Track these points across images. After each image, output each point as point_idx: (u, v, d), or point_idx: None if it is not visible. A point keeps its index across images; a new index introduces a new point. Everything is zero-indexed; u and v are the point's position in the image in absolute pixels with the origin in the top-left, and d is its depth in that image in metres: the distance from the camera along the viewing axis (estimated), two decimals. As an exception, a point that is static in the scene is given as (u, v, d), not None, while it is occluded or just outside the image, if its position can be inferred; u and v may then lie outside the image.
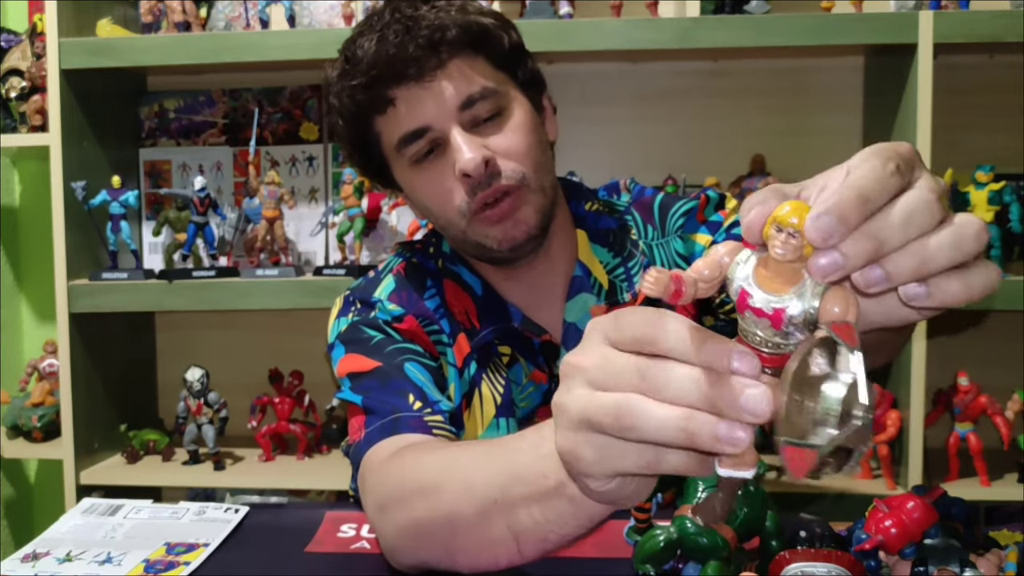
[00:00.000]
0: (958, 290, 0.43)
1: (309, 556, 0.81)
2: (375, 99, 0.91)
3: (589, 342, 0.49)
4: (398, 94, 0.90)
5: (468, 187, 0.90)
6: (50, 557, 0.80)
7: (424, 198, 0.95)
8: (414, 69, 0.88)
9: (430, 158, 0.92)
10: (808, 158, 1.83)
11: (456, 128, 0.89)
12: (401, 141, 0.91)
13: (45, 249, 1.76)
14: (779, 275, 0.41)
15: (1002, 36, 1.53)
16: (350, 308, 0.99)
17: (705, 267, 0.43)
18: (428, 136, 0.90)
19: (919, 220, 0.42)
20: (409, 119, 0.90)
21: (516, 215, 0.91)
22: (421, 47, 0.88)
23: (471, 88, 0.90)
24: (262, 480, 1.74)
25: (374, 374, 0.90)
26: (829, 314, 0.40)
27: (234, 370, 1.88)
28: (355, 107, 0.93)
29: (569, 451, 0.49)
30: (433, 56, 0.88)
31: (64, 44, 1.69)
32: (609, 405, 0.45)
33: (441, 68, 0.89)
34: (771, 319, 0.41)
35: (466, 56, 0.91)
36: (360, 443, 0.85)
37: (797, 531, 0.64)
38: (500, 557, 0.63)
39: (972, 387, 1.59)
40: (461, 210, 0.91)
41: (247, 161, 1.85)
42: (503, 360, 0.99)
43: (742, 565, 0.63)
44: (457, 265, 1.02)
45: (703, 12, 1.66)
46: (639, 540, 0.64)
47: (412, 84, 0.89)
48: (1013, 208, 1.59)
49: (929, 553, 0.61)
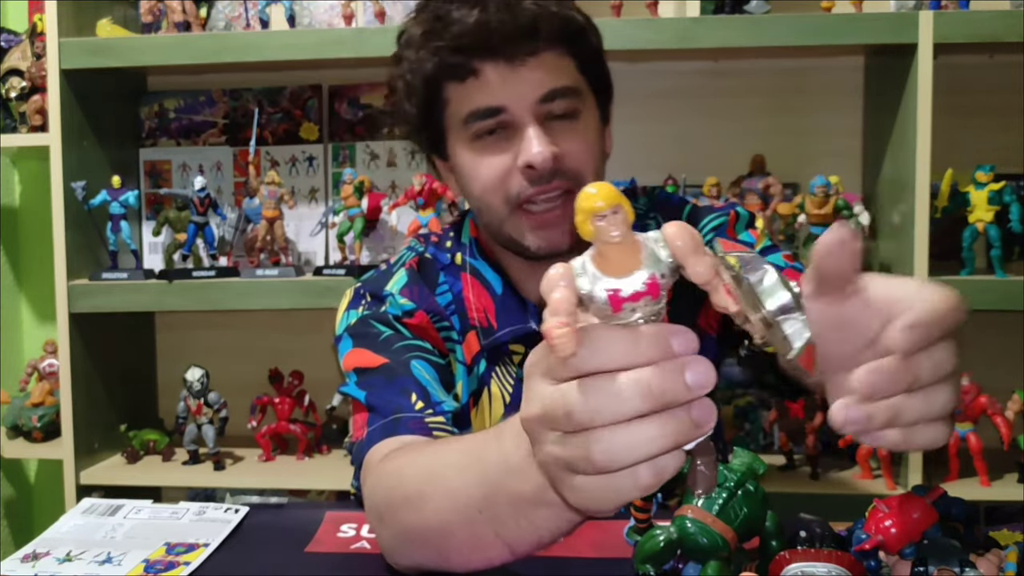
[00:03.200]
0: (896, 439, 0.47)
1: (309, 556, 0.81)
2: (459, 66, 0.89)
3: (530, 386, 0.48)
4: (485, 68, 0.89)
5: (528, 178, 0.89)
6: (50, 557, 0.80)
7: (474, 176, 0.93)
8: (509, 47, 0.87)
9: (492, 138, 0.90)
10: (808, 158, 1.83)
11: (532, 118, 0.89)
12: (473, 115, 0.90)
13: (45, 249, 1.77)
14: (621, 256, 0.41)
15: (1002, 36, 1.53)
16: (360, 301, 0.98)
17: (564, 309, 0.41)
18: (501, 117, 0.89)
19: (935, 399, 0.47)
20: (488, 95, 0.89)
21: (565, 225, 0.90)
22: (522, 28, 0.87)
23: (556, 83, 0.89)
24: (262, 480, 1.74)
25: (380, 371, 0.90)
26: (681, 249, 0.41)
27: (234, 370, 1.88)
28: (436, 68, 0.90)
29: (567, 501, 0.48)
30: (531, 40, 0.88)
31: (64, 44, 1.69)
32: (579, 452, 0.44)
33: (533, 55, 0.88)
34: (649, 293, 0.41)
35: (559, 50, 0.90)
36: (362, 442, 0.85)
37: (797, 531, 0.64)
38: (493, 559, 0.63)
39: (972, 387, 1.59)
40: (509, 199, 0.90)
41: (247, 161, 1.85)
42: (514, 359, 0.99)
43: (742, 565, 0.63)
44: (478, 259, 1.01)
45: (703, 12, 1.66)
46: (639, 540, 0.64)
47: (502, 62, 0.88)
48: (1013, 208, 1.59)
49: (929, 553, 0.61)
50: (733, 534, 0.62)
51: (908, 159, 1.57)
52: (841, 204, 1.64)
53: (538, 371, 0.47)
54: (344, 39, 1.66)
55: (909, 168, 1.56)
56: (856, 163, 1.84)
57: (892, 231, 1.67)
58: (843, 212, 1.65)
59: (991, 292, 1.56)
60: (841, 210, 1.65)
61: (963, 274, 1.59)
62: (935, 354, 0.47)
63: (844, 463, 1.70)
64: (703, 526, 0.61)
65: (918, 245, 1.55)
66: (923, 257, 1.55)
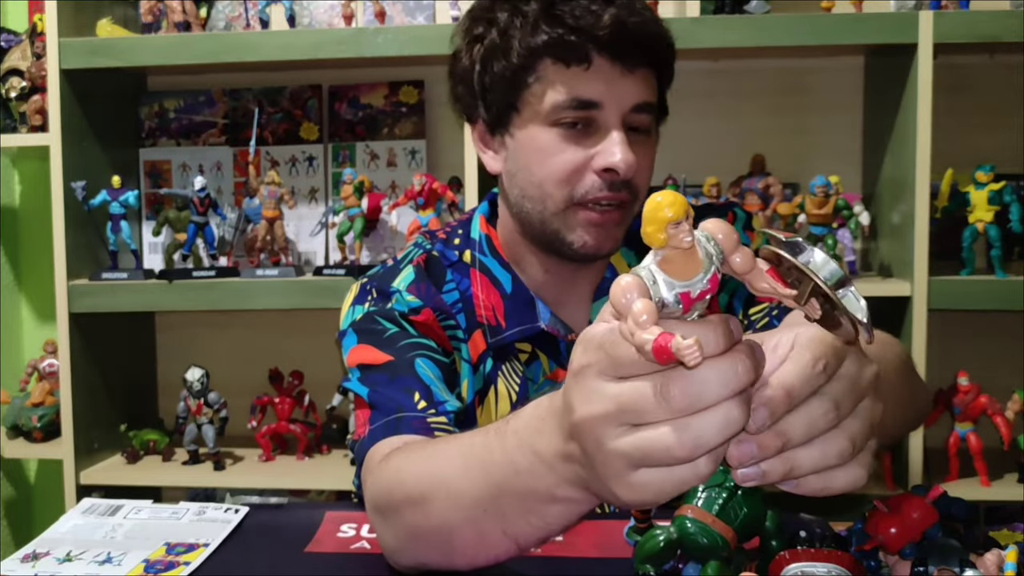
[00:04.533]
0: (817, 485, 0.49)
1: (309, 556, 0.81)
2: (577, 49, 0.88)
3: (583, 385, 0.48)
4: (599, 62, 0.89)
5: (603, 181, 0.90)
6: (50, 557, 0.80)
7: (539, 163, 0.91)
8: (628, 51, 0.88)
9: (573, 130, 0.90)
10: (808, 158, 1.83)
11: (620, 123, 0.89)
12: (567, 103, 0.89)
13: (45, 249, 1.77)
14: (687, 259, 0.44)
15: (1002, 36, 1.54)
16: (367, 296, 0.97)
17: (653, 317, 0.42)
18: (592, 112, 0.89)
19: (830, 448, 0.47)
20: (591, 88, 0.89)
21: (613, 229, 0.92)
22: (649, 37, 0.90)
23: (647, 96, 0.91)
24: (262, 480, 1.74)
25: (384, 368, 0.89)
26: (725, 242, 0.45)
27: (234, 370, 1.88)
28: (547, 43, 0.88)
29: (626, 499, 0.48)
30: (646, 53, 0.90)
31: (64, 44, 1.69)
32: (658, 443, 0.45)
33: (642, 67, 0.90)
34: (711, 289, 0.44)
35: (655, 67, 0.93)
36: (364, 440, 0.85)
37: (797, 531, 0.64)
38: (500, 555, 0.63)
39: (972, 387, 1.59)
40: (573, 194, 0.90)
41: (247, 161, 1.85)
42: (521, 358, 0.99)
43: (742, 565, 0.63)
44: (488, 257, 1.00)
45: (703, 12, 1.66)
46: (639, 540, 0.64)
47: (617, 63, 0.89)
48: (1013, 208, 1.59)
49: (929, 553, 0.61)
50: (733, 534, 0.62)
51: (908, 159, 1.57)
52: (841, 204, 1.64)
53: (593, 371, 0.47)
54: (344, 39, 1.66)
55: (909, 168, 1.56)
56: (856, 163, 1.84)
57: (892, 231, 1.67)
58: (843, 212, 1.65)
59: (991, 292, 1.56)
60: (841, 210, 1.65)
61: (963, 274, 1.59)
62: (811, 410, 0.47)
63: (844, 463, 1.70)
64: (703, 526, 0.61)
65: (918, 245, 1.55)
66: (923, 257, 1.55)
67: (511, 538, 0.60)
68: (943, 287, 1.56)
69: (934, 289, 1.55)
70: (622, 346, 0.45)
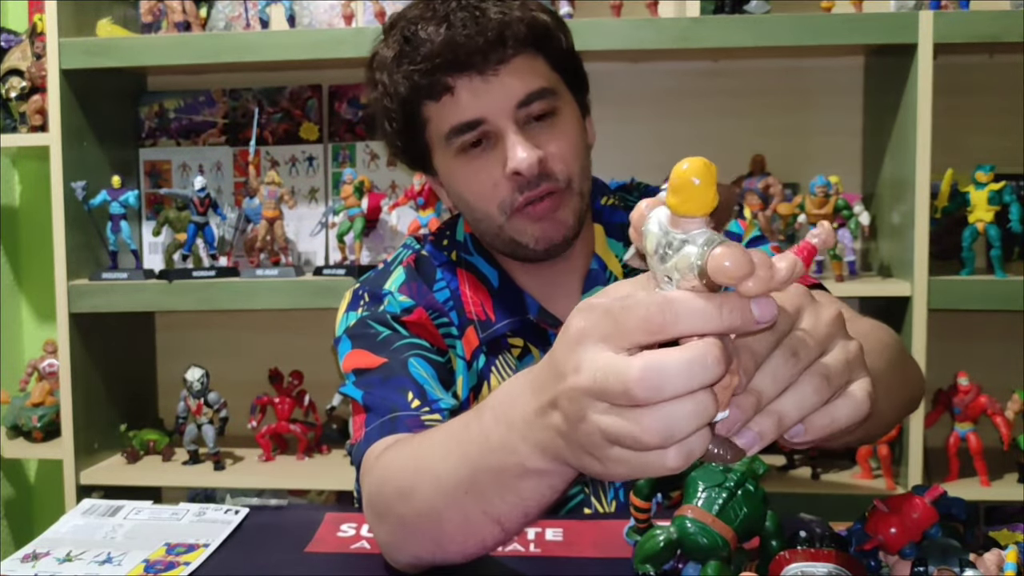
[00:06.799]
0: (823, 422, 0.48)
1: (309, 556, 0.81)
2: (433, 85, 0.90)
3: (580, 352, 0.47)
4: (458, 83, 0.89)
5: (516, 185, 0.90)
6: (50, 557, 0.80)
7: (465, 189, 0.94)
8: (479, 60, 0.88)
9: (477, 149, 0.91)
10: (808, 158, 1.83)
11: (512, 125, 0.89)
12: (453, 131, 0.91)
13: (45, 249, 1.77)
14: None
15: (1002, 36, 1.53)
16: (359, 302, 0.98)
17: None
18: (481, 128, 0.90)
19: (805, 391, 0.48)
20: (466, 110, 0.90)
21: (556, 215, 0.92)
22: (489, 40, 0.88)
23: (531, 86, 0.90)
24: (262, 480, 1.74)
25: (378, 371, 0.90)
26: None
27: (234, 370, 1.88)
28: (410, 90, 0.92)
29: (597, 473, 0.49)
30: (499, 50, 0.88)
31: (64, 44, 1.69)
32: (629, 428, 0.45)
33: (504, 63, 0.89)
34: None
35: (528, 53, 0.91)
36: (360, 443, 0.85)
37: (797, 531, 0.64)
38: (487, 540, 0.64)
39: (972, 387, 1.59)
40: (503, 206, 0.91)
41: (247, 161, 1.85)
42: (514, 352, 0.99)
43: (742, 565, 0.63)
44: (473, 255, 1.01)
45: (703, 12, 1.66)
46: (639, 540, 0.64)
47: (475, 75, 0.89)
48: (1013, 208, 1.59)
49: (929, 553, 0.61)
50: (733, 534, 0.62)
51: (908, 159, 1.57)
52: (841, 204, 1.64)
53: (594, 337, 0.46)
54: (344, 39, 1.66)
55: (909, 168, 1.56)
56: (856, 163, 1.84)
57: (892, 231, 1.67)
58: (843, 212, 1.65)
59: (991, 292, 1.56)
60: (841, 210, 1.65)
61: (963, 274, 1.59)
62: (772, 362, 0.47)
63: (844, 463, 1.70)
64: (703, 526, 0.61)
65: (918, 245, 1.55)
66: (923, 257, 1.55)
67: (494, 520, 0.60)
68: (943, 287, 1.56)
69: (934, 289, 1.55)
70: (634, 311, 0.45)
